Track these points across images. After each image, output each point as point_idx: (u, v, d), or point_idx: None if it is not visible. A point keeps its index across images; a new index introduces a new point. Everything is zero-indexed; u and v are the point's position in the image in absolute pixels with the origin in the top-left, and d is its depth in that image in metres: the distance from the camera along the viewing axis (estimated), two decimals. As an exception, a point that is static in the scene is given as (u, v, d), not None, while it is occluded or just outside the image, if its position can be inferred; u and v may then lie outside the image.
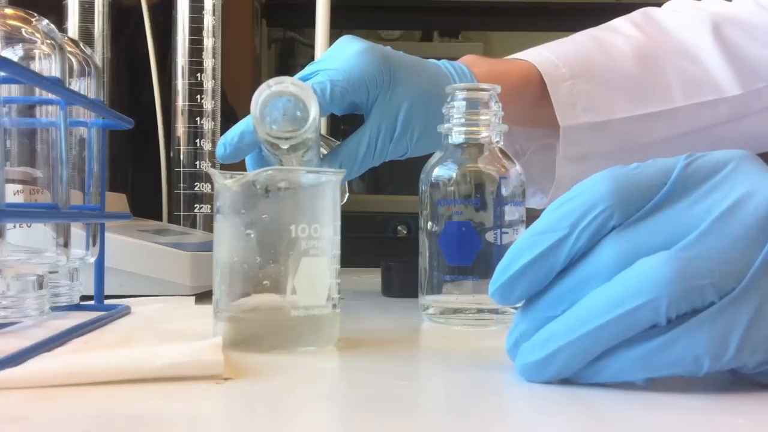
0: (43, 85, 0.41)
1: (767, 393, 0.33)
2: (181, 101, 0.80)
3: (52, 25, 0.44)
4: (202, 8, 0.80)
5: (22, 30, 0.43)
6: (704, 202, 0.32)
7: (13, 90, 0.44)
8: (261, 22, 2.17)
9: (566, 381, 0.33)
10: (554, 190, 0.69)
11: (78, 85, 0.51)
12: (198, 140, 0.80)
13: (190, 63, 0.80)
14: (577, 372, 0.32)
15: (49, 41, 0.44)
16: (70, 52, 0.50)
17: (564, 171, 0.68)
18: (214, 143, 0.80)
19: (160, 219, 0.83)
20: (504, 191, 0.50)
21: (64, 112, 0.44)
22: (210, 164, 0.79)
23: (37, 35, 0.43)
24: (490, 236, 0.50)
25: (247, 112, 0.49)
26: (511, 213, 0.50)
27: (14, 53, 0.43)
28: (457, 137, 0.52)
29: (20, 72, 0.37)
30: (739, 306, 0.30)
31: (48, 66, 0.44)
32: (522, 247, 0.33)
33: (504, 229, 0.50)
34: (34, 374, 0.32)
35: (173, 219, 0.79)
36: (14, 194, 0.44)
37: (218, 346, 0.35)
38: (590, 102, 0.66)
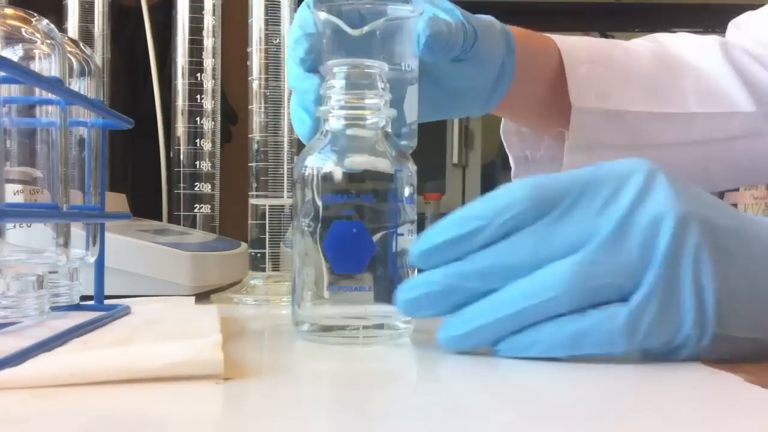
0: (43, 85, 0.41)
1: (765, 392, 0.33)
2: (181, 101, 0.80)
3: (52, 25, 0.44)
4: (202, 8, 0.80)
5: (22, 30, 0.43)
6: (606, 211, 0.38)
7: (13, 90, 0.44)
8: (261, 22, 2.17)
9: (503, 358, 0.39)
10: None
11: (78, 85, 0.51)
12: (198, 140, 0.80)
13: (190, 63, 0.80)
14: (511, 347, 0.39)
15: (49, 41, 0.44)
16: (70, 52, 0.50)
17: (571, 161, 0.67)
18: (214, 143, 0.80)
19: (160, 219, 0.83)
20: (398, 186, 0.43)
21: (64, 112, 0.44)
22: (210, 164, 0.79)
23: (37, 35, 0.43)
24: (381, 238, 0.43)
25: (246, 112, 0.49)
26: (406, 211, 0.44)
27: (14, 53, 0.43)
28: (336, 123, 0.44)
29: (20, 72, 0.37)
30: (647, 300, 0.37)
31: (48, 66, 0.44)
32: (449, 225, 0.39)
33: (399, 231, 0.43)
34: (34, 374, 0.32)
35: (173, 219, 0.79)
36: (14, 194, 0.44)
37: (218, 345, 0.35)
38: (606, 88, 0.66)
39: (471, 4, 0.51)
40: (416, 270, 0.43)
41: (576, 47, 0.66)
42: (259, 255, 0.63)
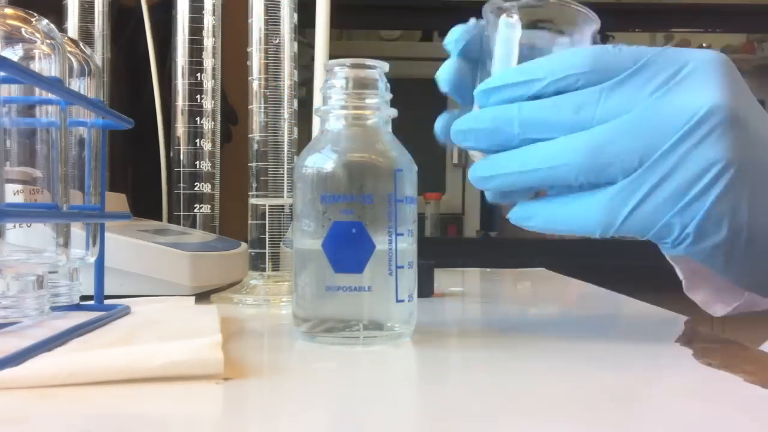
0: (43, 85, 0.41)
1: (765, 392, 0.33)
2: (181, 101, 0.80)
3: (52, 25, 0.44)
4: (202, 8, 0.80)
5: (22, 30, 0.43)
6: (647, 91, 0.39)
7: (13, 90, 0.44)
8: (261, 22, 2.17)
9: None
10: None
11: (78, 85, 0.51)
12: (198, 140, 0.79)
13: (190, 63, 0.80)
14: (517, 215, 0.43)
15: (49, 41, 0.44)
16: (70, 52, 0.50)
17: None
18: (214, 143, 0.80)
19: (160, 219, 0.83)
20: (399, 186, 0.43)
21: (64, 112, 0.44)
22: (210, 164, 0.79)
23: (37, 35, 0.43)
24: (382, 239, 0.42)
25: (246, 112, 0.49)
26: (407, 212, 0.43)
27: (14, 53, 0.43)
28: (337, 123, 0.44)
29: (20, 72, 0.37)
30: (633, 186, 0.38)
31: (48, 66, 0.44)
32: (511, 72, 0.42)
33: (399, 231, 0.43)
34: (34, 374, 0.32)
35: (173, 219, 0.79)
36: (14, 194, 0.44)
37: (218, 344, 0.35)
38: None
39: (471, 5, 0.51)
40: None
41: None
42: (258, 255, 0.63)
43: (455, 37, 0.47)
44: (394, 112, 0.45)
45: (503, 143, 0.42)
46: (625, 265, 1.57)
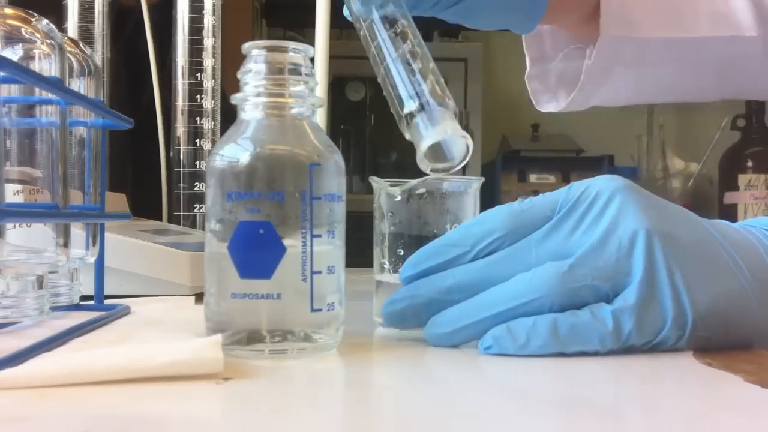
0: (43, 85, 0.41)
1: (765, 392, 0.33)
2: (181, 101, 0.80)
3: (52, 25, 0.44)
4: (202, 8, 0.80)
5: (22, 30, 0.43)
6: (581, 232, 0.41)
7: (13, 90, 0.44)
8: (261, 22, 2.17)
9: (499, 357, 0.39)
10: (576, 94, 0.71)
11: (78, 85, 0.51)
12: (198, 140, 0.80)
13: (190, 63, 0.80)
14: (501, 345, 0.40)
15: (49, 41, 0.44)
16: (70, 52, 0.50)
17: (588, 78, 0.70)
18: (214, 143, 0.80)
19: (160, 219, 0.83)
20: (315, 182, 0.38)
21: (64, 112, 0.44)
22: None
23: (37, 35, 0.43)
24: (295, 241, 0.38)
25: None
26: (324, 211, 0.39)
27: (14, 53, 0.43)
28: (254, 111, 0.40)
29: (20, 72, 0.37)
30: (631, 306, 0.39)
31: (48, 66, 0.44)
32: (430, 253, 0.43)
33: (316, 232, 0.38)
34: (34, 374, 0.32)
35: (173, 219, 0.79)
36: (14, 194, 0.44)
37: (218, 344, 0.35)
38: (633, 17, 0.68)
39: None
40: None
41: None
42: None
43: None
44: (318, 101, 0.40)
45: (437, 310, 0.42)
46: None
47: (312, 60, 0.41)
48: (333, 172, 0.39)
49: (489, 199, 2.27)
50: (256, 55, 0.39)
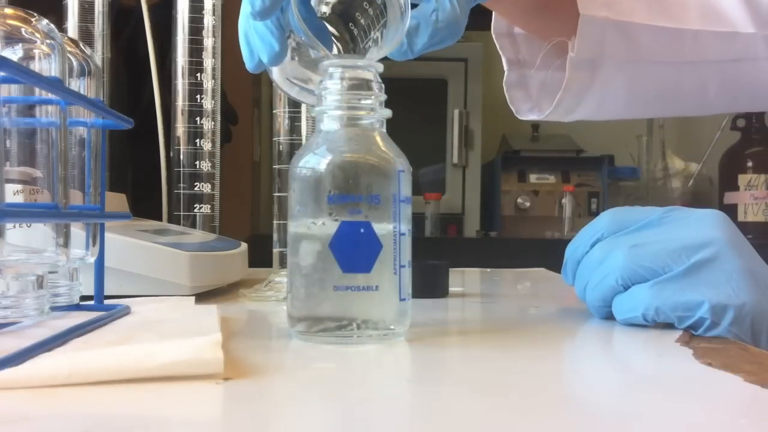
0: (43, 85, 0.41)
1: (765, 392, 0.33)
2: (181, 101, 0.80)
3: (52, 25, 0.44)
4: (202, 8, 0.80)
5: (22, 30, 0.43)
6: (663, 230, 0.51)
7: (13, 90, 0.44)
8: (261, 22, 2.17)
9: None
10: (562, 94, 0.68)
11: (78, 85, 0.51)
12: (198, 140, 0.80)
13: (190, 63, 0.80)
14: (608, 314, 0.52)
15: (49, 41, 0.44)
16: (70, 52, 0.50)
17: (574, 75, 0.66)
18: (214, 143, 0.80)
19: (160, 219, 0.83)
20: (402, 187, 0.44)
21: (63, 112, 0.44)
22: (210, 164, 0.79)
23: (37, 35, 0.43)
24: (387, 238, 0.43)
25: (246, 112, 0.49)
26: (406, 211, 0.44)
27: (14, 53, 0.43)
28: (331, 123, 0.45)
29: (20, 72, 0.37)
30: (668, 284, 0.48)
31: (48, 66, 0.44)
32: (573, 250, 0.55)
33: (402, 230, 0.44)
34: (34, 374, 0.32)
35: (173, 219, 0.79)
36: (14, 194, 0.44)
37: (218, 344, 0.35)
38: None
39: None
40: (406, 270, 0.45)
41: None
42: (284, 253, 0.63)
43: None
44: (388, 113, 0.45)
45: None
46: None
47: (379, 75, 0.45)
48: (409, 178, 0.45)
49: (489, 199, 2.28)
50: (332, 72, 0.44)
